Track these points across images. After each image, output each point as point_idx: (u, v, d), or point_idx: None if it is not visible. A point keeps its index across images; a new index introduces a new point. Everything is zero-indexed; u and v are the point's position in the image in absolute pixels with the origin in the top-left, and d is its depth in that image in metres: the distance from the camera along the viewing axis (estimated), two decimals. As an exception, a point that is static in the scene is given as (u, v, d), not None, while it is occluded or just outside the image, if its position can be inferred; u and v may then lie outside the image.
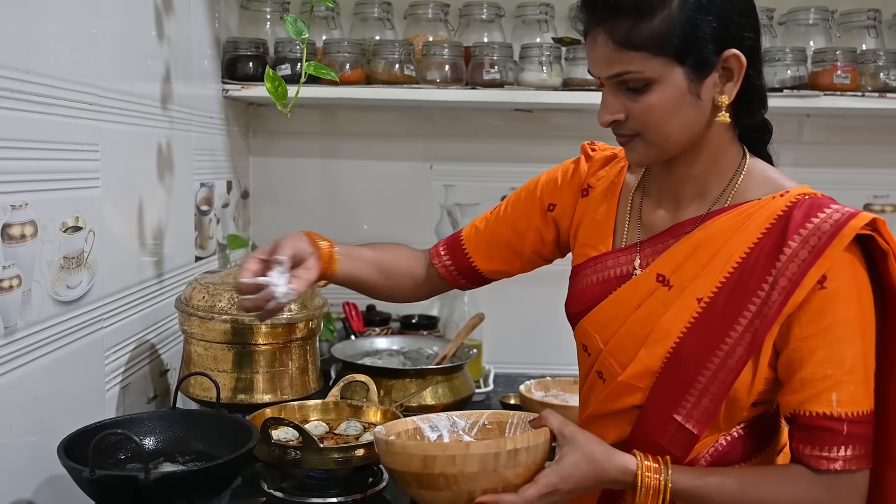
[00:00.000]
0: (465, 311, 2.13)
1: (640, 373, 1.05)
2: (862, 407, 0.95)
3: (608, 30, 0.97)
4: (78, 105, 1.23)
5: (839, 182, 2.19)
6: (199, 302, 1.43)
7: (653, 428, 1.05)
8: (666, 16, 0.94)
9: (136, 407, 1.46)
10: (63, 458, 1.03)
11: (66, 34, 1.19)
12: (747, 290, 0.99)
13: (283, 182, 2.25)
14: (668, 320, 1.03)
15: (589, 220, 1.18)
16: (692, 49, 0.95)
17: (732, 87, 0.99)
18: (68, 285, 1.20)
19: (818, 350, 0.95)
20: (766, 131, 1.09)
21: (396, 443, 1.03)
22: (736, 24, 0.97)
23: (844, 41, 2.02)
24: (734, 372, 0.99)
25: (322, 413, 1.42)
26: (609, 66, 0.99)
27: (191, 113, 1.72)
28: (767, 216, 1.00)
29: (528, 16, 2.05)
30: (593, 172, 1.21)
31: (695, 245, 1.04)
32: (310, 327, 1.49)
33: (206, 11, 1.84)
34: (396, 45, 1.96)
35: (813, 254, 0.95)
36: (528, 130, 2.21)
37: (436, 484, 0.98)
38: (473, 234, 1.30)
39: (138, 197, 1.46)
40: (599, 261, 1.13)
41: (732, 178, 1.06)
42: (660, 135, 1.01)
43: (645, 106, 0.98)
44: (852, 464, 0.95)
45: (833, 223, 0.95)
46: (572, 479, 0.99)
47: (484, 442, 1.01)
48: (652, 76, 0.96)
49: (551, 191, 1.24)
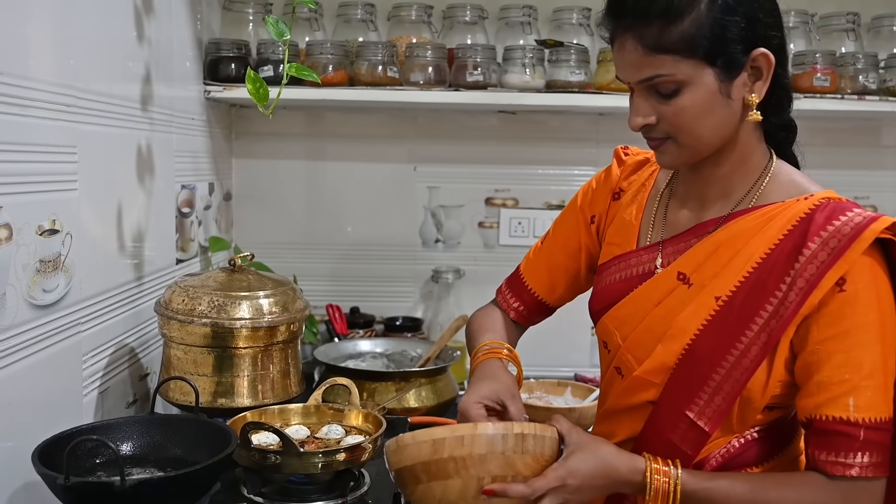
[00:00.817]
0: (449, 313, 2.13)
1: (656, 368, 1.05)
2: (880, 413, 0.94)
3: (637, 35, 0.97)
4: (55, 107, 1.22)
5: (821, 184, 2.20)
6: (178, 305, 1.42)
7: (665, 424, 1.05)
8: (695, 18, 0.95)
9: (115, 412, 1.44)
10: (37, 465, 1.01)
11: (44, 35, 1.18)
12: (765, 291, 0.99)
13: (266, 184, 2.24)
14: (686, 317, 1.03)
15: (618, 221, 1.19)
16: (721, 50, 0.96)
17: (762, 85, 0.99)
18: (44, 289, 1.19)
19: (836, 353, 0.95)
20: (792, 130, 1.09)
21: (406, 435, 1.01)
22: (763, 24, 0.97)
23: (824, 44, 2.04)
24: (748, 371, 0.99)
25: (303, 417, 1.41)
26: (639, 70, 0.99)
27: (172, 114, 1.71)
28: (790, 218, 1.00)
29: (511, 18, 2.05)
30: (625, 177, 1.21)
31: (716, 244, 1.04)
32: (291, 330, 1.48)
33: (188, 12, 1.82)
34: (380, 47, 1.95)
35: (832, 256, 0.95)
36: (511, 132, 2.21)
37: (445, 471, 0.97)
38: (531, 268, 1.31)
39: (117, 199, 1.45)
40: (623, 259, 1.14)
41: (758, 180, 1.06)
42: (692, 136, 1.01)
43: (677, 108, 0.98)
44: (869, 471, 0.93)
45: (854, 226, 0.95)
46: (580, 473, 0.97)
47: (492, 423, 1.00)
48: (683, 78, 0.97)
49: (590, 201, 1.25)
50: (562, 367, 2.15)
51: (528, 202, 2.25)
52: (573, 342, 2.21)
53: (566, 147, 2.21)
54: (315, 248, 2.26)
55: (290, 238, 2.25)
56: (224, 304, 1.41)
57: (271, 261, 2.04)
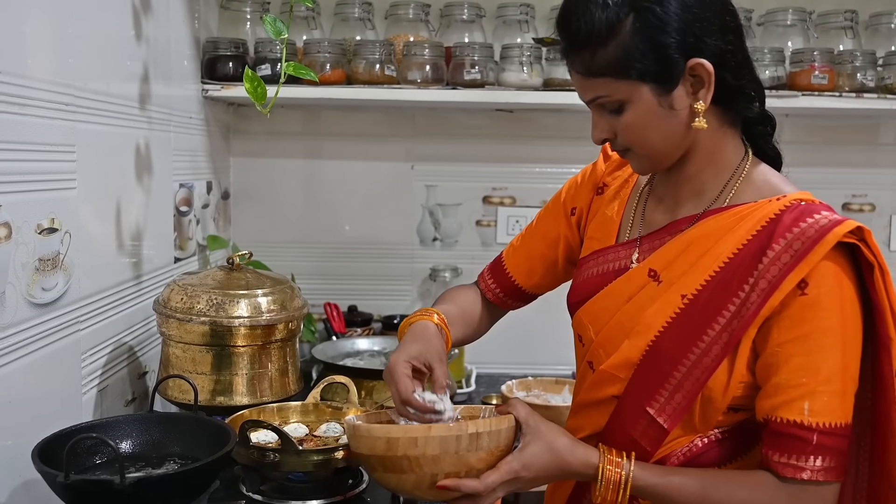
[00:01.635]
0: (447, 312, 2.13)
1: (621, 363, 1.06)
2: (836, 419, 0.94)
3: (572, 62, 1.01)
4: (54, 106, 1.22)
5: (819, 182, 2.21)
6: (177, 304, 1.42)
7: (626, 419, 1.06)
8: (619, 42, 0.96)
9: (114, 410, 1.45)
10: (37, 463, 1.02)
11: (42, 35, 1.18)
12: (729, 290, 0.99)
13: (264, 182, 2.24)
14: (652, 314, 1.04)
15: (600, 216, 1.20)
16: (651, 67, 0.97)
17: (706, 92, 0.99)
18: (44, 287, 1.19)
19: (794, 357, 0.95)
20: (767, 123, 1.09)
21: (362, 426, 1.03)
22: (695, 34, 0.97)
23: (822, 42, 2.04)
24: (709, 370, 0.99)
25: (302, 415, 1.41)
26: (584, 92, 1.03)
27: (170, 113, 1.71)
28: (760, 219, 1.00)
29: (508, 16, 2.05)
30: (610, 172, 1.22)
31: (687, 242, 1.05)
32: (289, 329, 1.48)
33: (186, 11, 1.83)
34: (377, 46, 1.95)
35: (794, 258, 0.95)
36: (509, 130, 2.22)
37: (399, 466, 0.99)
38: (512, 254, 1.32)
39: (116, 198, 1.45)
40: (601, 254, 1.15)
41: (731, 179, 1.06)
42: (644, 148, 1.03)
43: (624, 125, 1.01)
44: (820, 475, 0.94)
45: (818, 229, 0.95)
46: (533, 467, 1.00)
47: (446, 425, 1.01)
48: (622, 98, 0.99)
49: (573, 195, 1.26)
50: (560, 365, 2.15)
51: (525, 200, 2.25)
52: (571, 340, 2.21)
53: (563, 145, 2.22)
54: (313, 246, 2.26)
55: (288, 236, 2.25)
56: (222, 302, 1.41)
57: (269, 259, 2.05)
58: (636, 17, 0.96)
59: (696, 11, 0.97)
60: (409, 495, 1.06)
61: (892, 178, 2.23)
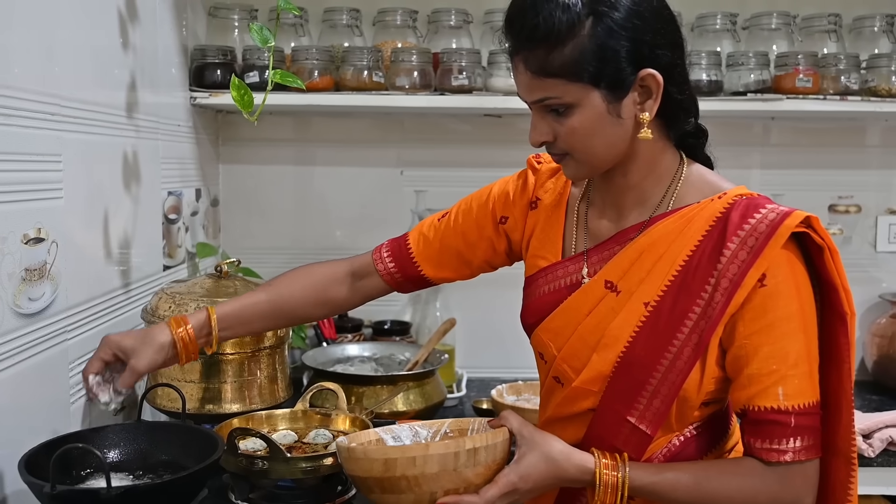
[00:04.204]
0: (437, 317, 2.13)
1: (593, 378, 1.07)
2: (808, 399, 0.98)
3: (524, 59, 1.00)
4: (39, 115, 1.22)
5: (805, 183, 2.23)
6: (165, 312, 1.42)
7: (607, 430, 1.07)
8: (577, 43, 0.97)
9: (103, 419, 1.44)
10: (24, 474, 1.02)
11: (28, 44, 1.18)
12: (691, 293, 1.01)
13: (253, 189, 2.25)
14: (618, 325, 1.05)
15: (539, 232, 1.20)
16: (606, 73, 0.98)
17: (653, 104, 1.01)
18: (30, 297, 1.19)
19: (762, 346, 0.98)
20: (701, 136, 1.11)
21: (357, 448, 1.03)
22: (649, 45, 0.99)
23: (806, 45, 2.05)
24: (683, 373, 1.01)
25: (290, 422, 1.42)
26: (530, 92, 1.02)
27: (157, 121, 1.71)
28: (707, 218, 1.03)
29: (495, 22, 2.06)
30: (541, 184, 1.22)
31: (639, 250, 1.06)
32: (278, 336, 1.49)
33: (173, 19, 1.83)
34: (365, 52, 1.96)
35: (752, 254, 0.98)
36: (497, 135, 2.22)
37: (398, 487, 0.99)
38: (423, 243, 1.30)
39: (103, 207, 1.45)
40: (550, 271, 1.15)
41: (671, 184, 1.08)
42: (586, 154, 1.04)
43: (568, 128, 1.02)
44: (802, 454, 0.97)
45: (769, 223, 0.98)
46: (531, 478, 1.01)
47: (443, 442, 1.02)
48: (571, 101, 0.99)
49: (503, 204, 1.25)
50: (550, 369, 2.15)
51: (515, 205, 2.25)
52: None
53: (540, 152, 2.22)
54: (303, 252, 2.26)
55: (278, 243, 2.25)
56: (210, 310, 1.41)
57: (260, 266, 2.05)
58: (595, 20, 0.97)
59: (651, 23, 0.99)
60: None
61: (878, 180, 2.25)
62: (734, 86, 1.97)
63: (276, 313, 1.28)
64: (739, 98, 1.95)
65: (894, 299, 2.11)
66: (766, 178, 2.21)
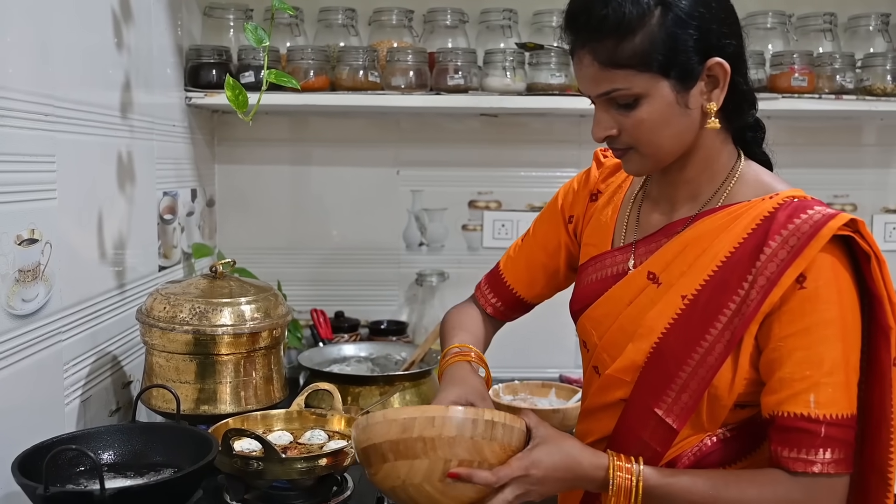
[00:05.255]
0: (434, 316, 2.13)
1: (626, 367, 1.06)
2: (841, 410, 0.94)
3: (592, 51, 0.99)
4: (33, 116, 1.22)
5: (800, 182, 2.16)
6: (159, 313, 1.42)
7: (636, 421, 1.06)
8: (647, 33, 0.96)
9: (98, 420, 1.44)
10: (17, 476, 1.01)
11: (21, 45, 1.18)
12: (728, 289, 1.00)
13: (249, 189, 2.24)
14: (654, 316, 1.04)
15: (595, 222, 1.20)
16: (675, 62, 0.97)
17: (719, 93, 1.00)
18: (24, 299, 1.19)
19: (797, 350, 0.96)
20: (759, 129, 1.11)
21: (377, 413, 1.00)
22: (717, 33, 0.98)
23: (802, 44, 2.05)
24: (713, 368, 1.00)
25: (286, 422, 1.41)
26: (597, 84, 1.01)
27: (153, 121, 1.71)
28: (754, 217, 1.02)
29: (491, 21, 2.06)
30: (603, 179, 1.23)
31: (684, 244, 1.05)
32: (273, 336, 1.48)
33: (168, 19, 1.82)
34: (361, 52, 1.96)
35: (791, 253, 0.96)
36: (493, 135, 2.22)
37: (413, 450, 0.97)
38: (511, 265, 1.31)
39: (98, 207, 1.45)
40: (599, 260, 1.16)
41: (725, 181, 1.07)
42: (653, 146, 1.03)
43: (635, 120, 1.00)
44: (831, 468, 0.94)
45: (813, 224, 0.96)
46: (543, 465, 0.98)
47: (462, 408, 1.00)
48: (639, 91, 0.98)
49: (570, 202, 1.26)
50: (547, 369, 2.16)
51: (511, 204, 2.26)
52: (558, 343, 2.22)
53: (548, 149, 2.22)
54: (299, 252, 2.26)
55: (274, 243, 2.25)
56: (205, 311, 1.41)
57: (256, 266, 2.05)
58: (664, 10, 0.96)
59: (716, 12, 0.99)
60: (416, 492, 0.99)
61: (874, 179, 2.25)
62: (730, 85, 1.97)
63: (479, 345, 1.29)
64: (735, 97, 1.95)
65: (890, 298, 2.11)
66: (762, 178, 2.21)
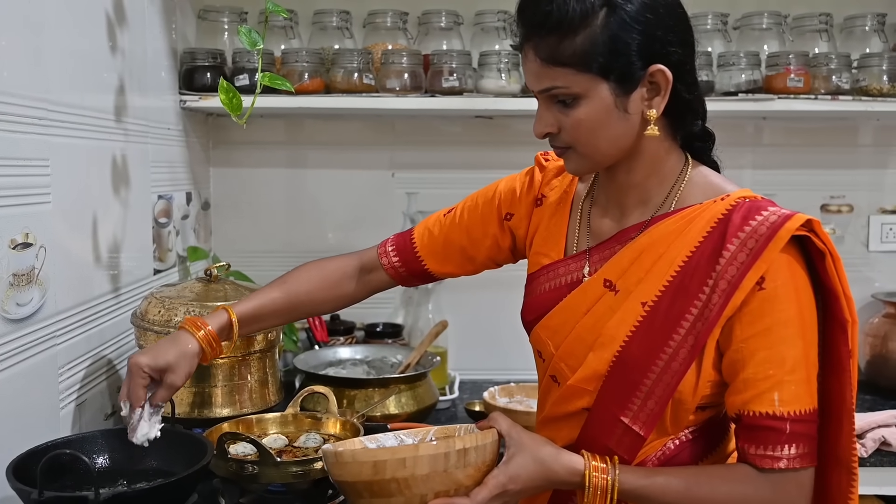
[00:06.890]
0: (429, 319, 2.13)
1: (588, 376, 1.06)
2: (804, 406, 0.96)
3: (535, 46, 1.00)
4: (26, 120, 1.21)
5: (797, 183, 2.23)
6: (154, 316, 1.41)
7: (600, 430, 1.06)
8: (589, 33, 0.96)
9: (93, 424, 1.44)
10: (11, 480, 1.01)
11: (14, 48, 1.18)
12: (689, 294, 1.00)
13: (245, 192, 2.24)
14: (614, 325, 1.04)
15: (543, 230, 1.19)
16: (616, 65, 0.97)
17: (660, 101, 1.00)
18: (18, 303, 1.18)
19: (759, 350, 0.97)
20: (708, 139, 1.11)
21: (346, 452, 1.02)
22: (662, 40, 0.98)
23: (797, 45, 2.06)
24: (678, 374, 1.00)
25: (281, 426, 1.41)
26: (538, 81, 1.02)
27: (147, 125, 1.71)
28: (708, 220, 1.02)
29: (486, 23, 2.06)
30: (547, 182, 1.22)
31: (639, 250, 1.05)
32: (269, 339, 1.48)
33: (162, 22, 1.82)
34: (355, 54, 1.96)
35: (751, 256, 0.97)
36: (488, 137, 2.22)
37: (388, 490, 0.98)
38: (427, 238, 1.30)
39: (92, 211, 1.44)
40: (551, 268, 1.15)
41: (675, 185, 1.07)
42: (590, 147, 1.03)
43: (574, 120, 1.01)
44: (796, 462, 0.96)
45: (769, 225, 0.97)
46: (520, 479, 1.00)
47: (433, 443, 1.01)
48: (578, 91, 0.99)
49: (510, 201, 1.25)
50: (543, 370, 2.15)
51: (507, 206, 2.25)
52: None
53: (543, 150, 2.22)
54: (295, 255, 2.23)
55: (269, 246, 2.24)
56: (200, 314, 1.40)
57: (251, 269, 2.04)
58: (609, 11, 0.96)
59: (664, 19, 0.99)
60: None
61: (870, 179, 2.25)
62: (725, 86, 1.97)
63: (291, 308, 1.29)
64: (731, 98, 1.95)
65: (887, 299, 2.11)
66: (757, 179, 2.21)
